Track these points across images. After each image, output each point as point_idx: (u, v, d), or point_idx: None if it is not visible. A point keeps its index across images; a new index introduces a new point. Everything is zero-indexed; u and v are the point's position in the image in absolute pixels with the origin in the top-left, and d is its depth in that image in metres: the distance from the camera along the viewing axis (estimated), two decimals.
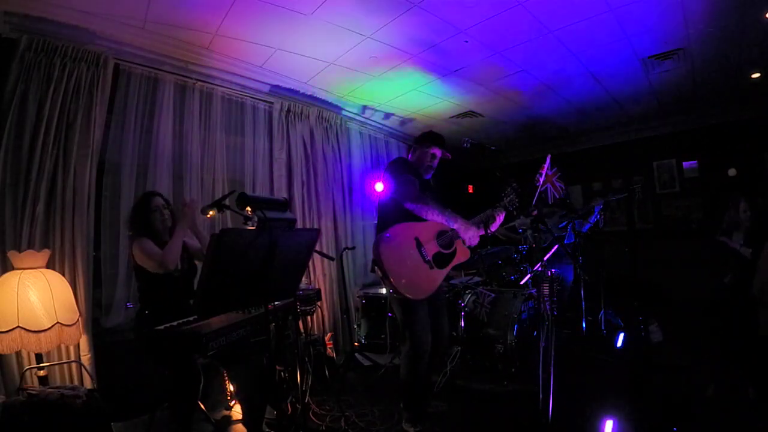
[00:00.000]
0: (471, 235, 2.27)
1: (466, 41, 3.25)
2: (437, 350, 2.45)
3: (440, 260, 2.29)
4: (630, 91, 4.55)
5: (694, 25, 3.16)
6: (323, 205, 4.14)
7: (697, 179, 5.60)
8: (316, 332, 3.73)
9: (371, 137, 5.15)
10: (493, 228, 2.36)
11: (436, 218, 2.23)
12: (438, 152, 2.49)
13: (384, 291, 4.07)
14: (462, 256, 2.42)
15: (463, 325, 3.29)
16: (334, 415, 2.58)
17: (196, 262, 2.35)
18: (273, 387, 2.44)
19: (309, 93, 4.13)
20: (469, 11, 2.85)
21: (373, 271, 2.26)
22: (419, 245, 2.22)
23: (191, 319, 1.98)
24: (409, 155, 2.61)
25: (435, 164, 2.51)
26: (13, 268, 2.06)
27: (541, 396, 2.11)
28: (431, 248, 2.26)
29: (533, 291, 3.31)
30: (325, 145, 4.29)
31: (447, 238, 2.31)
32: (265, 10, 2.71)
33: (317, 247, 2.40)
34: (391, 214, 2.29)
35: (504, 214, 2.39)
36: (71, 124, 2.51)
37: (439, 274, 2.31)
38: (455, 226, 2.25)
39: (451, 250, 2.35)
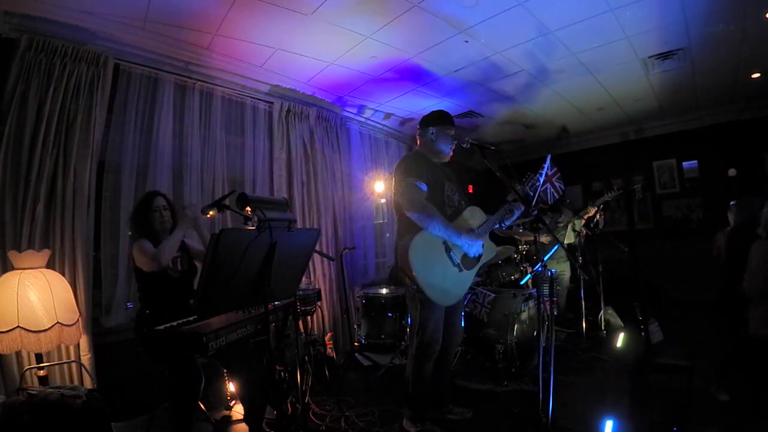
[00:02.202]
0: (476, 248, 2.22)
1: (466, 41, 3.25)
2: (451, 351, 2.43)
3: (468, 261, 2.26)
4: (630, 91, 4.55)
5: (694, 25, 3.16)
6: (323, 205, 4.14)
7: (697, 179, 5.60)
8: (316, 332, 3.73)
9: (371, 137, 5.15)
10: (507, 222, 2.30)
11: (437, 232, 2.10)
12: (453, 132, 2.35)
13: (384, 291, 4.07)
14: (489, 253, 2.37)
15: (463, 325, 3.29)
16: (334, 415, 2.58)
17: (197, 264, 2.34)
18: (273, 387, 2.44)
19: (309, 93, 4.13)
20: (470, 11, 2.85)
21: (395, 275, 2.20)
22: (448, 249, 2.17)
23: (191, 319, 1.98)
24: (418, 141, 2.44)
25: (454, 145, 2.37)
26: (13, 268, 2.06)
27: (541, 396, 2.11)
28: (459, 251, 2.21)
29: (533, 291, 3.32)
30: (325, 145, 4.29)
31: (475, 235, 2.25)
32: (265, 10, 2.71)
33: (317, 247, 2.40)
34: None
35: (522, 209, 2.31)
36: (71, 124, 2.50)
37: (469, 276, 2.28)
38: (459, 243, 2.16)
39: None
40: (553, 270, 3.78)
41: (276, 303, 2.17)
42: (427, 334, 2.18)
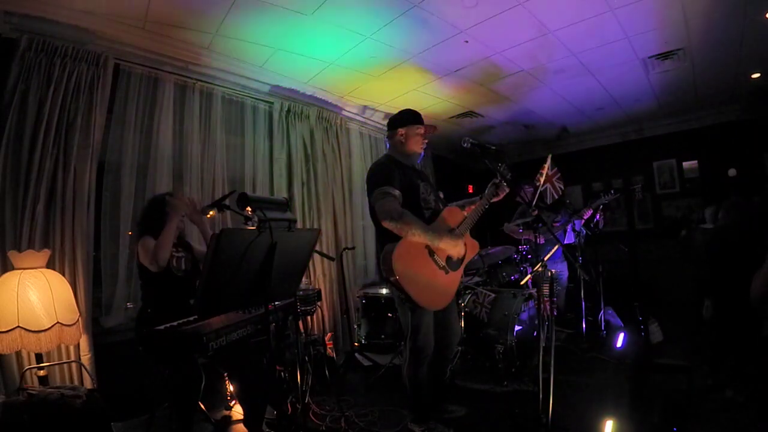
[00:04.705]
0: (458, 250, 2.19)
1: (466, 41, 3.25)
2: (448, 352, 2.42)
3: (453, 261, 2.24)
4: (630, 91, 4.55)
5: (694, 25, 3.16)
6: (323, 205, 4.14)
7: (697, 179, 5.60)
8: (316, 332, 3.73)
9: (371, 137, 5.15)
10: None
11: (418, 239, 2.03)
12: (423, 130, 2.31)
13: (384, 291, 4.07)
14: (472, 250, 2.36)
15: (463, 325, 3.29)
16: (334, 415, 2.58)
17: (201, 266, 2.34)
18: (273, 387, 2.44)
19: (309, 93, 4.13)
20: (469, 11, 2.85)
21: (383, 281, 2.15)
22: (431, 253, 2.13)
23: (192, 318, 1.98)
24: (387, 143, 2.41)
25: (425, 144, 2.35)
26: (13, 268, 2.06)
27: (541, 396, 2.11)
28: (443, 252, 2.18)
29: (533, 291, 3.31)
30: (325, 145, 4.29)
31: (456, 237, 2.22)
32: (265, 10, 2.71)
33: (317, 247, 2.40)
34: None
35: (506, 191, 2.28)
36: (71, 124, 2.50)
37: (456, 276, 2.26)
38: (441, 246, 2.10)
39: None
40: (553, 269, 3.77)
41: (276, 303, 2.17)
42: (419, 341, 2.15)
